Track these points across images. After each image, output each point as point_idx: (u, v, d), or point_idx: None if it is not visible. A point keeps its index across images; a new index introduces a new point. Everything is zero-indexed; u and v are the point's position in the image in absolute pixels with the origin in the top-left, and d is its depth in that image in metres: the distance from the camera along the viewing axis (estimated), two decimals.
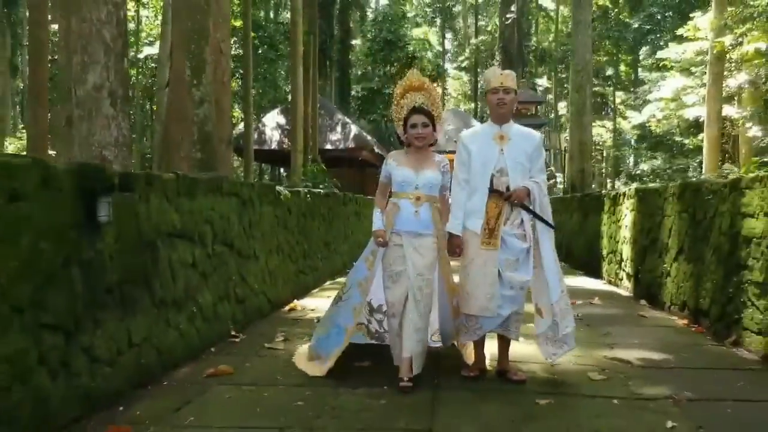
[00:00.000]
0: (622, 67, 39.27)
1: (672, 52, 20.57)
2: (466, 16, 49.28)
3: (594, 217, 9.32)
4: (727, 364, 3.88)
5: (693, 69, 19.64)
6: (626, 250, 7.47)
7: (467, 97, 50.58)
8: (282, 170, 28.78)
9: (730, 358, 4.02)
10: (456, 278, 3.60)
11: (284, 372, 3.51)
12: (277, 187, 6.10)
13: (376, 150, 24.11)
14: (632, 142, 28.36)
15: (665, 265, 6.12)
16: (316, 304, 6.00)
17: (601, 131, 35.32)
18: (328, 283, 7.72)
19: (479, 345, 3.54)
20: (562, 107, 37.59)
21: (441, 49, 49.29)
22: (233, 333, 4.50)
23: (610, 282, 8.11)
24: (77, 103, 5.44)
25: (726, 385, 3.37)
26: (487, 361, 3.61)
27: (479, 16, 46.19)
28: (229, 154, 8.85)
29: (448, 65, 50.26)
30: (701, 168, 17.00)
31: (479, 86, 44.96)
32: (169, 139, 7.97)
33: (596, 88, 40.22)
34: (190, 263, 4.01)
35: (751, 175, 4.57)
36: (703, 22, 17.71)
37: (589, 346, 4.24)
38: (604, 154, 37.32)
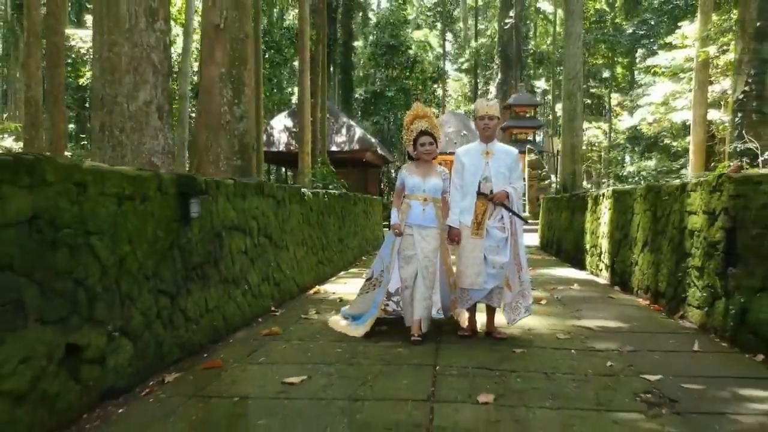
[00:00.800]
0: (619, 69, 40.19)
1: (662, 58, 21.62)
2: (466, 18, 50.25)
3: (580, 215, 10.35)
4: (669, 330, 4.90)
5: (681, 75, 20.65)
6: (604, 244, 8.50)
7: (467, 98, 51.53)
8: (288, 171, 29.79)
9: (673, 327, 5.04)
10: (453, 266, 4.63)
11: (321, 333, 4.54)
12: (302, 189, 7.13)
13: (379, 151, 25.13)
14: (626, 143, 29.36)
15: (634, 256, 7.14)
16: (336, 289, 7.03)
17: (597, 132, 36.34)
18: (342, 273, 8.74)
19: (471, 312, 4.58)
20: (560, 108, 38.40)
21: (441, 51, 50.25)
22: (273, 308, 5.53)
23: (592, 273, 9.14)
24: (130, 116, 6.45)
25: (661, 343, 4.40)
26: (478, 326, 4.64)
27: (479, 19, 47.18)
28: (254, 158, 9.86)
29: (448, 67, 51.28)
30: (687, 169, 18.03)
31: (479, 88, 46.03)
32: (199, 146, 8.98)
33: (593, 90, 41.30)
34: (243, 251, 5.04)
35: (694, 180, 5.60)
36: (690, 30, 18.75)
37: (561, 318, 5.27)
38: (602, 155, 38.34)
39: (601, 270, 8.68)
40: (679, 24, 20.58)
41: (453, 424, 2.72)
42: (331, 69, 33.72)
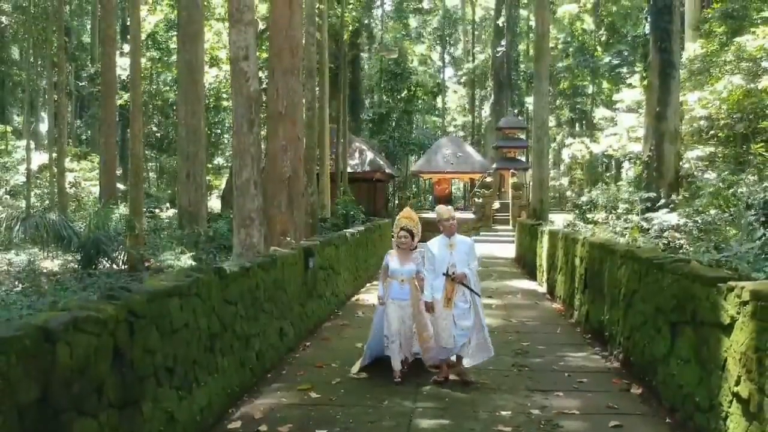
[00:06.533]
0: (606, 84, 44.11)
1: (625, 95, 25.77)
2: (466, 31, 54.16)
3: (535, 241, 14.48)
4: (556, 323, 9.03)
5: (640, 110, 24.71)
6: (545, 265, 12.64)
7: (464, 110, 55.55)
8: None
9: (561, 322, 9.17)
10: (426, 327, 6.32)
11: (370, 322, 8.67)
12: (348, 234, 11.26)
13: (387, 170, 29.29)
14: (604, 159, 33.54)
15: (557, 275, 11.27)
16: (366, 297, 11.18)
17: (581, 147, 40.37)
18: (367, 285, 12.88)
19: (445, 363, 6.07)
20: (551, 123, 42.25)
21: (441, 65, 54.27)
22: (336, 310, 9.67)
23: (539, 284, 13.26)
24: (237, 187, 10.48)
25: (545, 330, 8.51)
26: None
27: (475, 37, 51.18)
28: (306, 202, 13.94)
29: (448, 73, 55.39)
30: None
31: (476, 100, 50.05)
32: (267, 195, 13.02)
33: (579, 106, 45.33)
34: (323, 279, 9.19)
35: (580, 237, 9.69)
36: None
37: (498, 318, 9.38)
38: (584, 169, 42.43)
39: (543, 283, 12.82)
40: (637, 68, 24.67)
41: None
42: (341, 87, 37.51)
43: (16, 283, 10.63)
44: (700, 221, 11.25)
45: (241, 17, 10.23)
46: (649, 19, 14.75)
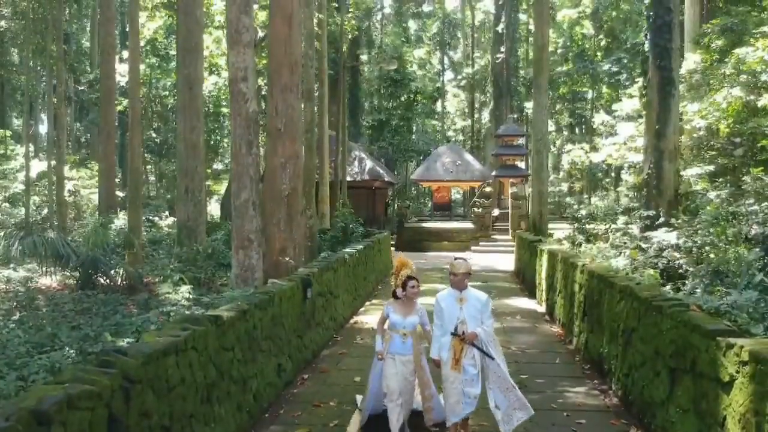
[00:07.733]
0: (605, 89, 44.11)
1: (625, 104, 25.77)
2: (466, 35, 54.11)
3: (534, 258, 14.45)
4: (555, 351, 8.99)
5: (639, 119, 24.70)
6: (544, 285, 12.61)
7: (464, 114, 55.52)
8: None
9: (560, 349, 9.14)
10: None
11: (368, 353, 8.64)
12: (346, 256, 11.23)
13: (386, 179, 29.27)
14: (603, 166, 33.56)
15: (556, 297, 11.24)
16: (365, 319, 11.15)
17: (580, 152, 40.35)
18: (366, 303, 12.85)
19: (453, 429, 5.32)
20: (550, 127, 42.21)
21: (441, 68, 54.24)
22: (335, 335, 9.64)
23: (538, 303, 13.22)
24: (236, 208, 10.46)
25: (544, 359, 8.48)
26: None
27: (475, 42, 51.13)
28: (305, 223, 13.93)
29: (448, 76, 55.34)
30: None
31: (476, 105, 50.02)
32: (265, 212, 13.00)
33: (578, 111, 45.35)
34: (322, 305, 9.16)
35: (580, 263, 9.67)
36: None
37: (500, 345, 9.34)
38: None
39: (542, 302, 12.80)
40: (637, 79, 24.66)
41: None
42: (341, 93, 37.43)
43: (14, 305, 10.60)
44: (699, 242, 11.21)
45: (240, 38, 10.21)
46: (648, 37, 14.70)
